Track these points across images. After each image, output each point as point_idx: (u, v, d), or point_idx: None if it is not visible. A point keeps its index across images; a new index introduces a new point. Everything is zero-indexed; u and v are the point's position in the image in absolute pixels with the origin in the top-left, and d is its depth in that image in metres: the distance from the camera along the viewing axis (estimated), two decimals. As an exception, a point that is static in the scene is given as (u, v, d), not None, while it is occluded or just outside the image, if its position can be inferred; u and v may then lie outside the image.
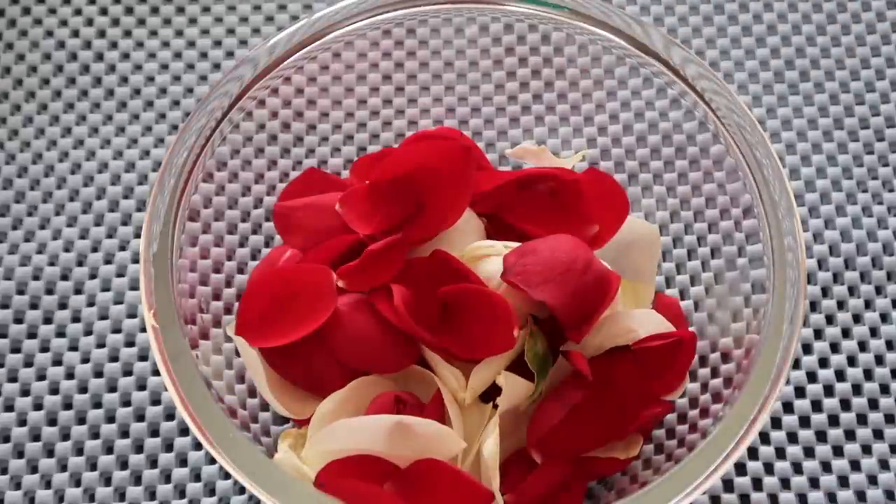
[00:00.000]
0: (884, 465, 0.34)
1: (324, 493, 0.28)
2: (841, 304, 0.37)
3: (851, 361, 0.36)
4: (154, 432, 0.35)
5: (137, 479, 0.34)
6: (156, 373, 0.36)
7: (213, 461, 0.34)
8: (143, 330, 0.36)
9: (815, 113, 0.40)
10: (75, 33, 0.42)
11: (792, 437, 0.35)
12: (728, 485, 0.34)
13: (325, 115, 0.35)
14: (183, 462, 0.34)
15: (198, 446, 0.35)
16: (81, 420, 0.35)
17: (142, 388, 0.36)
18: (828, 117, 0.40)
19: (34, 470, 0.34)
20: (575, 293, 0.30)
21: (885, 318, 0.37)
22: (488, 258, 0.32)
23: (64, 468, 0.35)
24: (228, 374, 0.30)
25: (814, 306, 0.37)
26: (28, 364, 0.36)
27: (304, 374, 0.31)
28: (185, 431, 0.35)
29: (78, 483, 0.34)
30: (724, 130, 0.31)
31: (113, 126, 0.40)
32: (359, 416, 0.29)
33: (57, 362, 0.36)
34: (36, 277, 0.37)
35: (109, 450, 0.35)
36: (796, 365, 0.36)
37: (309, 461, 0.29)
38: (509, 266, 0.31)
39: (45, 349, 0.36)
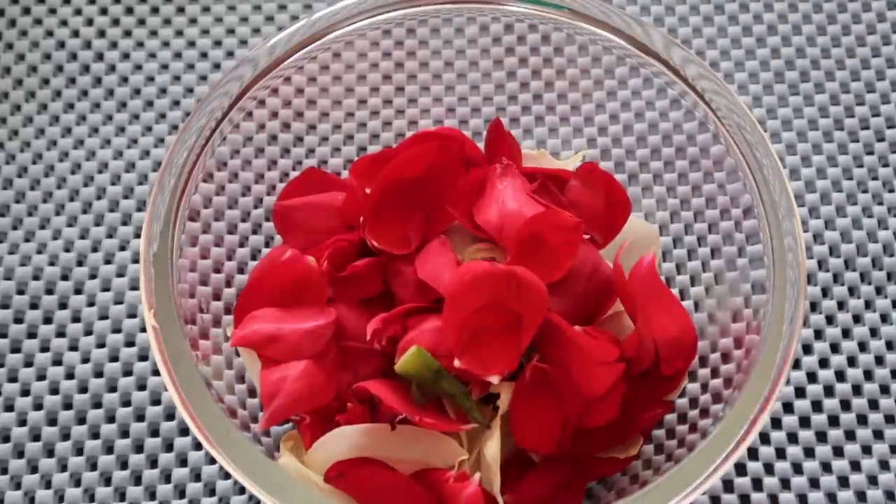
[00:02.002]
0: (884, 465, 0.34)
1: (323, 494, 0.28)
2: (841, 305, 0.37)
3: (851, 362, 0.36)
4: (154, 432, 0.35)
5: (137, 479, 0.34)
6: (156, 373, 0.36)
7: (213, 461, 0.34)
8: (143, 330, 0.36)
9: (815, 113, 0.40)
10: (75, 33, 0.42)
11: (792, 438, 0.35)
12: (728, 485, 0.34)
13: (325, 115, 0.35)
14: (183, 462, 0.34)
15: (198, 446, 0.35)
16: (81, 420, 0.35)
17: (142, 388, 0.36)
18: (828, 118, 0.40)
19: (34, 470, 0.34)
20: (581, 295, 0.31)
21: (885, 318, 0.36)
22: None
23: (64, 468, 0.35)
24: (228, 374, 0.30)
25: (814, 307, 0.37)
26: (28, 364, 0.36)
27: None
28: (185, 431, 0.35)
29: (78, 483, 0.34)
30: (724, 131, 0.31)
31: (113, 126, 0.40)
32: (359, 425, 0.29)
33: (57, 362, 0.36)
34: (36, 277, 0.37)
35: (109, 450, 0.35)
36: (796, 365, 0.36)
37: (312, 465, 0.29)
38: None
39: (45, 349, 0.36)
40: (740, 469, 0.34)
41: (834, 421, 0.35)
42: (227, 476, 0.34)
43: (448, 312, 0.29)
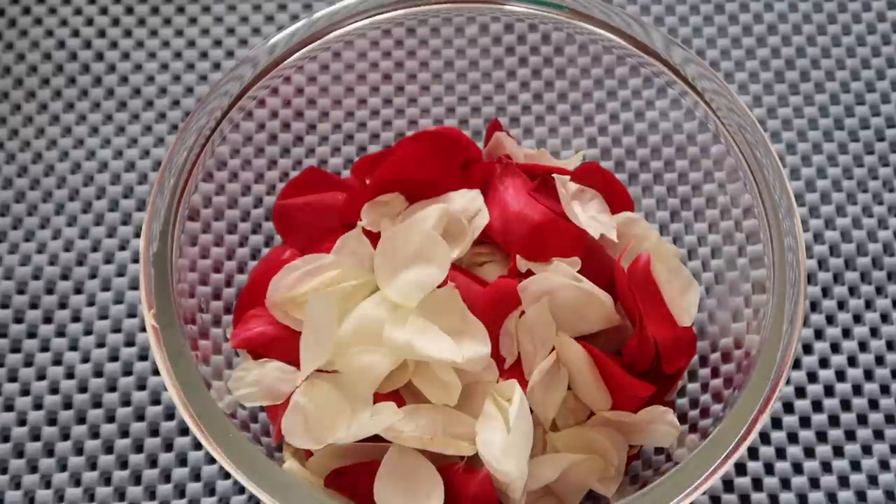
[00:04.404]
0: (884, 465, 0.34)
1: (322, 494, 0.28)
2: (841, 305, 0.37)
3: (852, 362, 0.36)
4: (154, 432, 0.35)
5: (137, 479, 0.34)
6: (156, 373, 0.36)
7: (213, 461, 0.34)
8: (143, 330, 0.36)
9: (815, 113, 0.40)
10: (75, 33, 0.41)
11: (792, 438, 0.35)
12: (728, 485, 0.34)
13: (325, 115, 0.35)
14: (183, 462, 0.34)
15: (198, 446, 0.35)
16: (81, 420, 0.35)
17: (142, 388, 0.36)
18: (828, 118, 0.40)
19: (34, 470, 0.34)
20: None
21: (885, 318, 0.36)
22: (490, 264, 0.32)
23: (64, 468, 0.35)
24: (228, 374, 0.30)
25: (814, 307, 0.37)
26: (28, 364, 0.36)
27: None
28: (185, 431, 0.35)
29: (78, 483, 0.34)
30: (724, 130, 0.31)
31: (113, 126, 0.40)
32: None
33: (57, 362, 0.36)
34: (36, 277, 0.37)
35: (109, 450, 0.35)
36: (797, 365, 0.36)
37: (314, 471, 0.29)
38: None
39: (45, 349, 0.36)
40: (740, 469, 0.34)
41: (834, 421, 0.35)
42: (227, 476, 0.34)
43: None
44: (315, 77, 0.33)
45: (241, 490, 0.34)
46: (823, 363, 0.36)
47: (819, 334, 0.36)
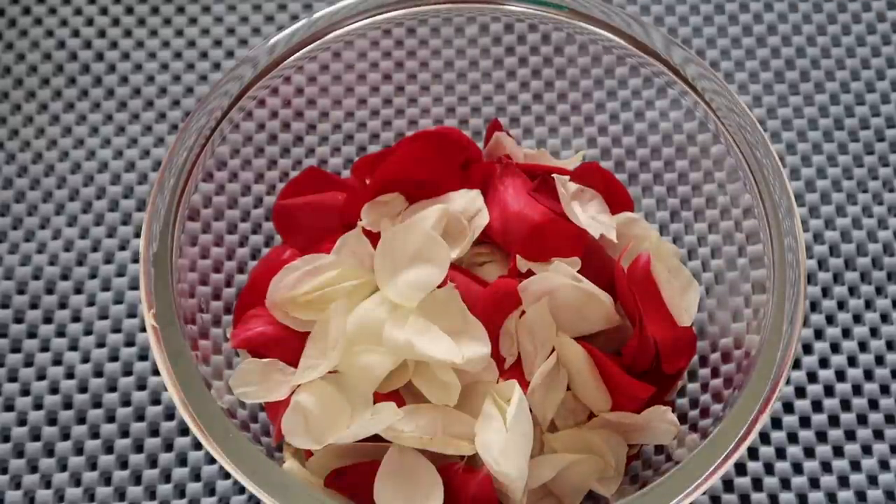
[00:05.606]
0: (884, 465, 0.34)
1: (322, 494, 0.28)
2: (841, 305, 0.37)
3: (852, 362, 0.36)
4: (154, 432, 0.35)
5: (137, 479, 0.34)
6: (156, 373, 0.36)
7: (213, 461, 0.34)
8: (143, 330, 0.36)
9: (815, 113, 0.40)
10: (75, 33, 0.42)
11: (792, 438, 0.35)
12: (728, 485, 0.34)
13: (325, 115, 0.35)
14: (183, 462, 0.34)
15: (198, 446, 0.35)
16: (81, 420, 0.35)
17: (142, 388, 0.36)
18: (828, 118, 0.40)
19: (34, 470, 0.34)
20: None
21: (885, 318, 0.36)
22: (490, 264, 0.32)
23: (64, 468, 0.35)
24: (228, 374, 0.30)
25: (814, 307, 0.37)
26: (28, 364, 0.36)
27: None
28: (185, 431, 0.35)
29: (78, 483, 0.34)
30: (724, 130, 0.31)
31: (113, 126, 0.40)
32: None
33: (57, 362, 0.36)
34: (36, 277, 0.37)
35: (109, 450, 0.35)
36: (796, 365, 0.36)
37: (315, 471, 0.29)
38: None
39: (45, 349, 0.36)
40: (740, 469, 0.34)
41: (834, 421, 0.35)
42: (227, 476, 0.34)
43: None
44: (315, 77, 0.33)
45: (241, 490, 0.34)
46: (823, 363, 0.36)
47: (819, 334, 0.36)
